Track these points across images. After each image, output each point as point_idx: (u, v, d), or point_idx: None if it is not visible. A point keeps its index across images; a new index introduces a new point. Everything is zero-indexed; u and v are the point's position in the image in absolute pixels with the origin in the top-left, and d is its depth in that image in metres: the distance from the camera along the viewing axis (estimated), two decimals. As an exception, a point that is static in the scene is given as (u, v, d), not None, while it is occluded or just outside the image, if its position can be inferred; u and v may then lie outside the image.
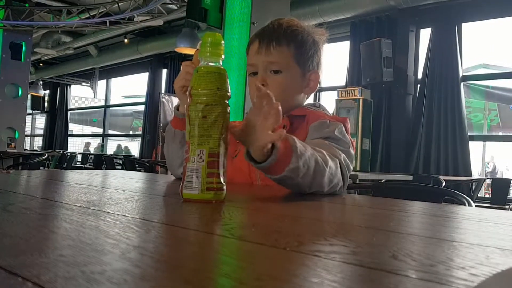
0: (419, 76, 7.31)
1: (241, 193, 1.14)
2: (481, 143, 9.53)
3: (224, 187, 0.86)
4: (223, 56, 0.89)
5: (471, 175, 6.62)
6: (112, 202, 0.80)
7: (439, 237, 0.63)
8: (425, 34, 7.29)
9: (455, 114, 6.69)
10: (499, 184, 6.23)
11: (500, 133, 11.93)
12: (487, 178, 7.12)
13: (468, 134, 6.74)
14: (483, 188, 7.05)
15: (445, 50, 6.84)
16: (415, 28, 7.34)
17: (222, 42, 0.90)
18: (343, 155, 1.19)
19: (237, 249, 0.51)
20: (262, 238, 0.55)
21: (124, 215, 0.66)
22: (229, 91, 0.87)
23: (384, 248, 0.52)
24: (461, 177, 6.38)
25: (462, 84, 6.81)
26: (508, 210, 5.31)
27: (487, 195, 7.60)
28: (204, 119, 0.84)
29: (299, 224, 0.71)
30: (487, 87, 8.60)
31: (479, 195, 6.27)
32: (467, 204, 1.46)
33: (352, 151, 1.27)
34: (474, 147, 7.04)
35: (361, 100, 7.10)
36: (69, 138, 15.55)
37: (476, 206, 1.60)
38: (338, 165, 1.14)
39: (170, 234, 0.56)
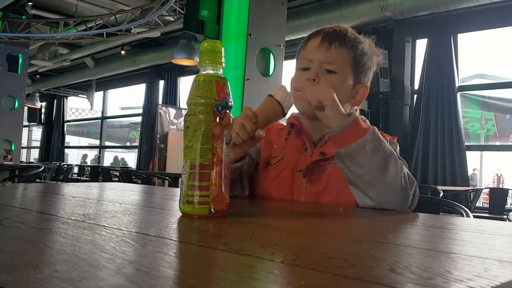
0: (416, 86, 7.33)
1: (245, 206, 1.13)
2: (478, 152, 9.55)
3: (210, 201, 0.81)
4: (223, 65, 0.85)
5: (468, 185, 6.62)
6: (108, 216, 0.79)
7: (437, 249, 0.62)
8: (421, 45, 7.33)
9: (452, 124, 6.71)
10: (497, 194, 6.22)
11: (497, 143, 11.95)
12: (485, 188, 7.12)
13: (465, 144, 6.75)
14: (481, 197, 7.05)
15: (441, 61, 6.87)
16: (411, 39, 7.38)
17: (220, 49, 0.86)
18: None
19: (234, 263, 0.50)
20: (260, 252, 0.55)
21: (120, 229, 0.65)
22: (228, 100, 0.84)
23: (382, 261, 0.51)
24: (458, 186, 6.37)
25: (458, 94, 6.83)
26: (506, 220, 5.30)
27: (485, 205, 7.59)
28: (187, 129, 0.83)
29: (298, 237, 0.70)
30: (484, 97, 8.63)
31: (477, 205, 6.27)
32: (465, 215, 1.46)
33: None
34: (472, 157, 7.04)
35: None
36: (66, 150, 15.51)
37: (474, 216, 1.59)
38: (415, 183, 1.14)
39: (166, 249, 0.55)
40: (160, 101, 11.19)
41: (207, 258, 0.52)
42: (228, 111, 0.84)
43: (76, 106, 17.52)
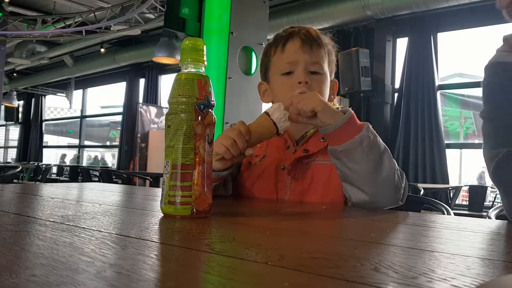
0: (397, 85, 7.41)
1: (228, 206, 1.12)
2: (457, 150, 9.70)
3: (192, 201, 0.80)
4: (205, 63, 0.84)
5: (448, 183, 6.71)
6: (88, 217, 0.78)
7: (420, 248, 0.63)
8: (402, 44, 7.41)
9: (432, 122, 6.80)
10: (476, 191, 6.32)
11: (476, 141, 12.14)
12: (464, 186, 7.23)
13: (445, 142, 6.84)
14: (460, 194, 7.16)
15: (422, 60, 6.95)
16: (392, 38, 7.46)
17: (202, 47, 0.85)
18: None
19: (217, 264, 0.50)
20: (243, 253, 0.54)
21: (100, 231, 0.64)
22: (210, 99, 0.83)
23: (365, 261, 0.51)
24: (439, 184, 6.46)
25: (438, 92, 6.92)
26: (485, 217, 5.38)
27: (464, 202, 7.70)
28: (168, 128, 0.82)
29: (281, 237, 0.70)
30: (463, 95, 8.76)
31: (456, 202, 6.36)
32: (445, 213, 1.47)
33: None
34: (451, 155, 7.14)
35: (339, 109, 7.15)
36: (44, 150, 15.31)
37: (454, 213, 1.61)
38: (404, 175, 1.17)
39: (147, 251, 0.54)
40: (140, 100, 11.12)
41: (189, 260, 0.51)
42: (210, 110, 0.83)
43: (55, 105, 17.32)
